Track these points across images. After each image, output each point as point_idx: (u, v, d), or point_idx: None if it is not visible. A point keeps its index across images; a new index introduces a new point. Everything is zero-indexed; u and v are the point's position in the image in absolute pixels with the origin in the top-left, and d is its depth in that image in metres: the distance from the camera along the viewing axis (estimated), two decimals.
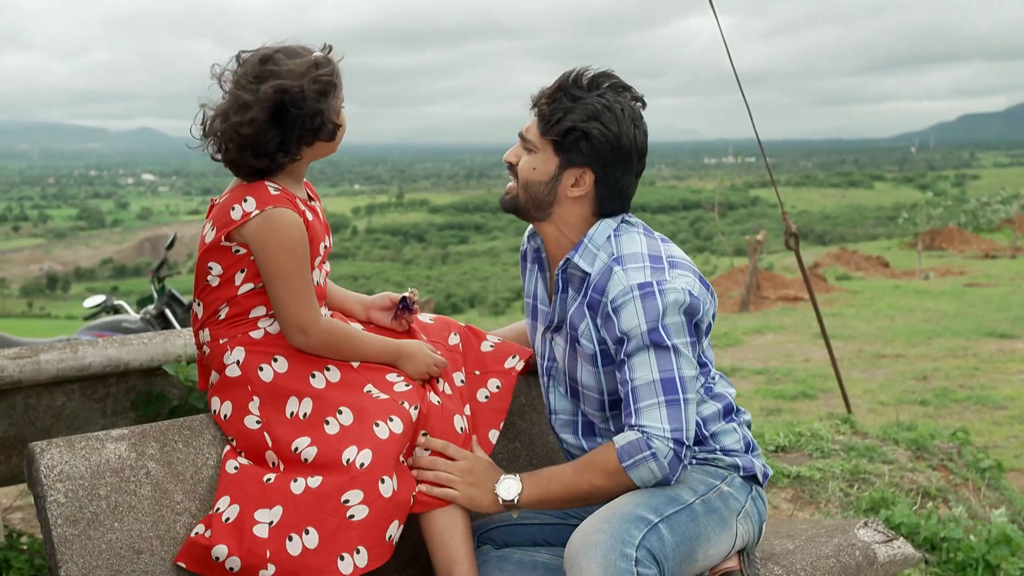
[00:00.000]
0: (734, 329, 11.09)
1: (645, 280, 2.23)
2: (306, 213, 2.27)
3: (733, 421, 2.43)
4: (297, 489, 2.15)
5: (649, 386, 2.19)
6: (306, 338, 2.25)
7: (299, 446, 2.19)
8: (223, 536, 2.13)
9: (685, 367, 2.21)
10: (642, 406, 2.19)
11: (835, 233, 53.76)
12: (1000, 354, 9.29)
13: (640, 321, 2.20)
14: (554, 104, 2.30)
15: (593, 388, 2.36)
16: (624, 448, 2.19)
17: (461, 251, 67.31)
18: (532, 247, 2.53)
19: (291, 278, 2.21)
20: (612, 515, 2.14)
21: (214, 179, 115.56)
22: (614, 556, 2.05)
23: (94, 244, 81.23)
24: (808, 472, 4.21)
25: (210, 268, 2.27)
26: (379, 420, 2.22)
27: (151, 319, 5.82)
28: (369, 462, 2.17)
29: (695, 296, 2.24)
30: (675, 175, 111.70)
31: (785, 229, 5.26)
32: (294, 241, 2.20)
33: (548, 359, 2.49)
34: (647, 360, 2.20)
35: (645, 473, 2.18)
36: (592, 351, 2.32)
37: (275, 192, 2.23)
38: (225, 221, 2.22)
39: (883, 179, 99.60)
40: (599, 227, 2.35)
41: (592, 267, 2.31)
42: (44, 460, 2.13)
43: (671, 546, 2.16)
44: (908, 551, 2.65)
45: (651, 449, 2.16)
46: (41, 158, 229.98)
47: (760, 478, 2.42)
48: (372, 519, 2.16)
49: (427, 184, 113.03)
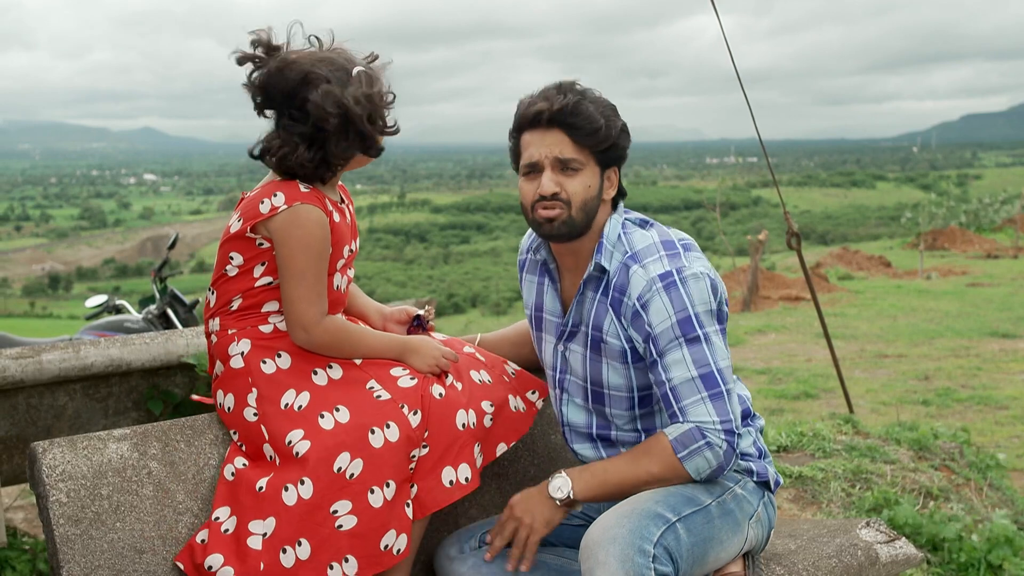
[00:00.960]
0: (736, 329, 11.08)
1: (665, 270, 2.23)
2: (334, 214, 2.28)
3: (750, 426, 2.44)
4: (289, 500, 2.14)
5: (689, 384, 2.19)
6: (307, 335, 2.25)
7: (292, 439, 2.19)
8: (220, 546, 2.14)
9: (720, 357, 2.21)
10: (686, 404, 2.19)
11: (837, 233, 53.72)
12: (1002, 354, 9.28)
13: (669, 313, 2.19)
14: (591, 116, 2.25)
15: (622, 387, 2.34)
16: (678, 439, 2.18)
17: (463, 251, 67.32)
18: (537, 259, 2.49)
19: (305, 274, 2.22)
20: (632, 511, 2.14)
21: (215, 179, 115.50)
22: (632, 551, 2.06)
23: (96, 244, 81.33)
24: (810, 472, 4.21)
25: (231, 258, 2.27)
26: (375, 426, 2.21)
27: (153, 319, 5.82)
28: (359, 472, 2.17)
29: (713, 277, 2.25)
30: (677, 175, 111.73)
31: (787, 229, 5.26)
32: (315, 238, 2.21)
33: (561, 371, 2.46)
34: (681, 357, 2.19)
35: (701, 463, 2.19)
36: (621, 348, 2.30)
37: (305, 190, 2.23)
38: (253, 213, 2.23)
39: (885, 179, 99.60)
40: (610, 224, 2.34)
41: (610, 265, 2.31)
42: (46, 460, 2.13)
43: (687, 546, 2.16)
44: (910, 551, 2.65)
45: (705, 439, 2.17)
46: (43, 158, 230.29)
47: (772, 485, 2.43)
48: (361, 529, 2.16)
49: (429, 184, 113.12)
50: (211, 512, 2.22)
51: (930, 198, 31.92)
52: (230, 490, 2.22)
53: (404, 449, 2.23)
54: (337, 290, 2.34)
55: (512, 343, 2.68)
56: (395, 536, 2.21)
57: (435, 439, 2.29)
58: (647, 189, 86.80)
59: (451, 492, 2.29)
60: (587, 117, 2.24)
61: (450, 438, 2.30)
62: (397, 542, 2.22)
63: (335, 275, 2.32)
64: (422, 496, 2.27)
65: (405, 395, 2.28)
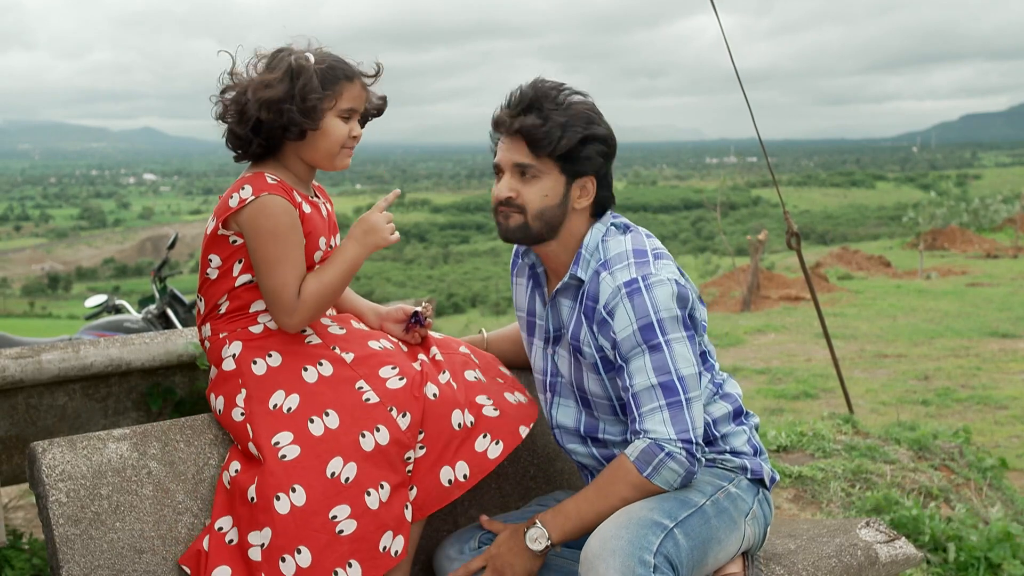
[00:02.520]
0: (736, 329, 11.08)
1: (631, 277, 2.22)
2: (303, 206, 2.28)
3: (743, 424, 2.43)
4: (282, 508, 2.13)
5: (648, 391, 2.19)
6: (292, 319, 2.25)
7: (280, 441, 2.18)
8: (226, 558, 2.14)
9: (682, 365, 2.19)
10: (644, 412, 2.19)
11: (837, 233, 53.73)
12: (1002, 354, 9.28)
13: (631, 319, 2.20)
14: (547, 123, 2.23)
15: (602, 396, 2.36)
16: (639, 458, 2.18)
17: (462, 251, 67.33)
18: (526, 263, 2.50)
19: (279, 262, 2.21)
20: (628, 521, 2.14)
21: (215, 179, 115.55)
22: (633, 562, 2.06)
23: (96, 244, 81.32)
24: (810, 472, 4.21)
25: (210, 260, 2.29)
26: (365, 430, 2.22)
27: (153, 319, 5.81)
28: (354, 476, 2.18)
29: (682, 285, 2.24)
30: (677, 175, 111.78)
31: (787, 229, 5.26)
32: (283, 225, 2.21)
33: (552, 374, 2.47)
34: (643, 364, 2.20)
35: (669, 475, 2.18)
36: (594, 360, 2.31)
37: (272, 181, 2.25)
38: (223, 208, 2.24)
39: (885, 179, 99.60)
40: (591, 234, 2.33)
41: (586, 275, 2.31)
42: (46, 460, 2.13)
43: (686, 551, 2.16)
44: (910, 551, 2.64)
45: (664, 450, 2.16)
46: (43, 157, 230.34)
47: (767, 482, 2.42)
48: (361, 532, 2.16)
49: (428, 184, 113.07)
50: (213, 518, 2.21)
51: (930, 198, 31.90)
52: (229, 499, 2.21)
53: (394, 451, 2.23)
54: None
55: (514, 341, 2.69)
56: (392, 538, 2.21)
57: (431, 439, 2.29)
58: (647, 189, 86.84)
59: (450, 491, 2.30)
60: (543, 126, 2.22)
61: (447, 438, 2.30)
62: (394, 544, 2.21)
63: (315, 267, 2.32)
64: (421, 497, 2.27)
65: (394, 397, 2.27)
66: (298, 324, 2.27)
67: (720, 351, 9.68)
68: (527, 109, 2.25)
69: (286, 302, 2.23)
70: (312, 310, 2.27)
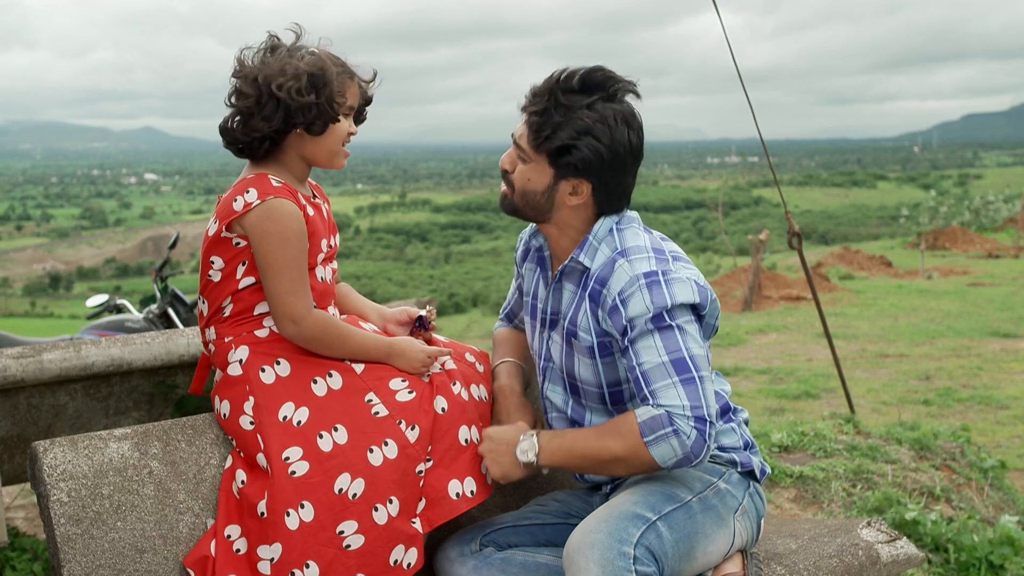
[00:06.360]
0: (737, 329, 11.08)
1: (651, 269, 2.21)
2: (307, 208, 2.28)
3: (732, 421, 2.42)
4: (292, 524, 2.13)
5: (659, 368, 2.15)
6: (297, 328, 2.23)
7: (290, 456, 2.18)
8: (234, 567, 2.14)
9: (693, 345, 2.16)
10: (657, 387, 2.14)
11: (838, 233, 53.72)
12: (1003, 354, 9.27)
13: (648, 307, 2.17)
14: (544, 117, 2.25)
15: (592, 383, 2.35)
16: (646, 423, 2.13)
17: (464, 250, 67.33)
18: (534, 245, 2.52)
19: (287, 267, 2.21)
20: (610, 514, 2.14)
21: (216, 179, 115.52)
22: (612, 554, 2.05)
23: (97, 243, 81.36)
24: (811, 472, 4.21)
25: (212, 262, 2.28)
26: (374, 445, 2.21)
27: (154, 318, 5.82)
28: (362, 492, 2.17)
29: (701, 286, 2.23)
30: (678, 175, 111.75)
31: (788, 228, 5.26)
32: (291, 231, 2.21)
33: (545, 359, 2.47)
34: (652, 343, 2.16)
35: (666, 450, 2.12)
36: (590, 343, 2.30)
37: (277, 184, 2.24)
38: (227, 212, 2.23)
39: (886, 179, 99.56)
40: (602, 223, 2.33)
41: (593, 262, 2.30)
42: (47, 459, 2.13)
43: (670, 544, 2.15)
44: (911, 551, 2.64)
45: (673, 426, 2.11)
46: (44, 157, 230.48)
47: (757, 474, 2.42)
48: (370, 547, 2.16)
49: (430, 183, 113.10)
50: (220, 524, 2.20)
51: (931, 198, 31.90)
52: (237, 508, 2.21)
53: (403, 465, 2.23)
54: (323, 282, 2.34)
55: (524, 344, 2.69)
56: (403, 551, 2.21)
57: (439, 452, 2.29)
58: (648, 189, 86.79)
59: (457, 504, 2.29)
60: (539, 121, 2.25)
61: (454, 451, 2.31)
62: (406, 556, 2.21)
63: (316, 268, 2.32)
64: (429, 509, 2.27)
65: (403, 410, 2.27)
66: (296, 337, 2.25)
67: (721, 351, 9.68)
68: (545, 99, 2.26)
69: (291, 307, 2.22)
70: (318, 337, 2.26)
